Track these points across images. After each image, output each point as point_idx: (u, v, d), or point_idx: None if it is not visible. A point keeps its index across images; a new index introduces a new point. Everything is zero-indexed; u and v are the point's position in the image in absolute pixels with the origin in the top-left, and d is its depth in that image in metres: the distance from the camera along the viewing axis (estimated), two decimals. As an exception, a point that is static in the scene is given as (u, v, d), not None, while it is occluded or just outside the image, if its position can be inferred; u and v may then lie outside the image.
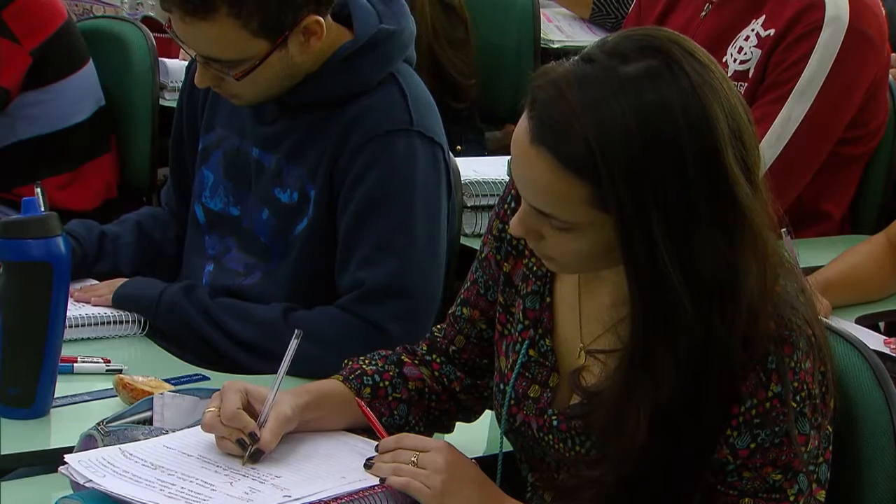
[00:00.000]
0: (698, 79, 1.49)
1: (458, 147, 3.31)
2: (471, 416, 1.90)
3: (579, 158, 1.48)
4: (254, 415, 1.66)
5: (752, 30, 2.78)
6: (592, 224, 1.53)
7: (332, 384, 1.80)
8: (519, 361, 1.74)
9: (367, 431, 1.74)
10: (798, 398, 1.55)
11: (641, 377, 1.54)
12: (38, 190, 2.15)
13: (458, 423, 1.91)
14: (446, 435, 1.89)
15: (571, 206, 1.52)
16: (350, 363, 1.84)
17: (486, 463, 1.74)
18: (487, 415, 1.91)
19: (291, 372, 2.04)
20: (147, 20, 3.42)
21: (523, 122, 1.53)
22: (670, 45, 1.51)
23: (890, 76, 2.86)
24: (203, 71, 2.22)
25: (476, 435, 1.92)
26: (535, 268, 1.75)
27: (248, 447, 1.64)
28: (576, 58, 1.54)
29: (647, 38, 1.52)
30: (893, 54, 2.98)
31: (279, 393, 1.69)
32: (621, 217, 1.49)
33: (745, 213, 1.51)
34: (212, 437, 1.67)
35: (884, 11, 2.79)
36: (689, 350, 1.51)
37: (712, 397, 1.54)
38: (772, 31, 2.72)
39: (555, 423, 1.70)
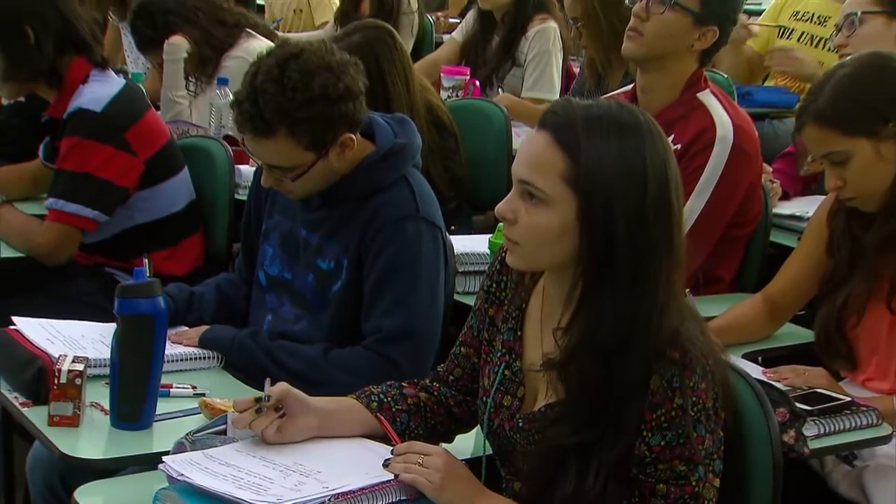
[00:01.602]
0: (662, 142, 1.57)
1: (452, 228, 3.29)
2: (463, 428, 1.87)
3: (569, 142, 1.54)
4: None
5: (664, 145, 2.78)
6: (561, 200, 1.54)
7: (349, 399, 1.79)
8: (498, 379, 1.72)
9: (383, 439, 1.72)
10: (695, 409, 1.55)
11: (583, 317, 1.55)
12: (146, 261, 2.14)
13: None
14: (445, 444, 1.86)
15: (549, 176, 1.54)
16: (361, 389, 1.83)
17: (473, 464, 1.72)
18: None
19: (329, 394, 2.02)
20: (227, 137, 3.41)
21: (534, 129, 1.60)
22: (651, 119, 1.59)
23: (763, 179, 2.87)
24: (267, 175, 2.22)
25: (466, 441, 1.89)
26: (512, 312, 1.75)
27: (262, 402, 1.65)
28: (587, 100, 1.61)
29: (638, 111, 1.59)
30: (765, 164, 2.99)
31: None
32: (587, 196, 1.52)
33: (674, 247, 1.55)
34: (269, 445, 1.66)
35: (756, 133, 2.81)
36: (616, 304, 1.52)
37: (632, 365, 1.53)
38: (679, 146, 2.72)
39: (520, 424, 1.69)
